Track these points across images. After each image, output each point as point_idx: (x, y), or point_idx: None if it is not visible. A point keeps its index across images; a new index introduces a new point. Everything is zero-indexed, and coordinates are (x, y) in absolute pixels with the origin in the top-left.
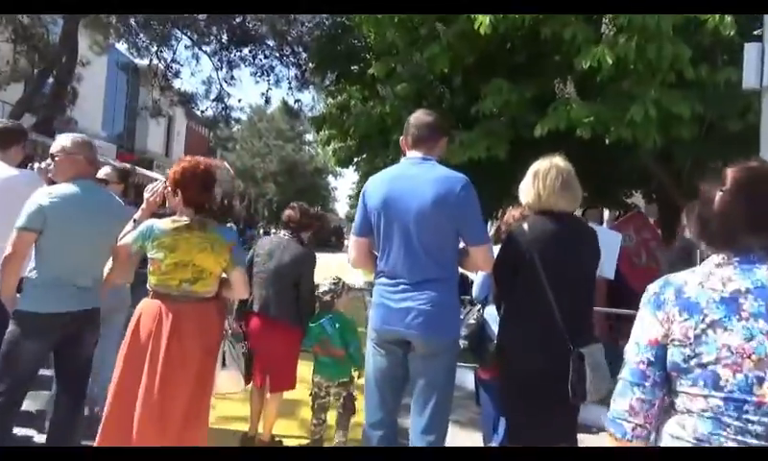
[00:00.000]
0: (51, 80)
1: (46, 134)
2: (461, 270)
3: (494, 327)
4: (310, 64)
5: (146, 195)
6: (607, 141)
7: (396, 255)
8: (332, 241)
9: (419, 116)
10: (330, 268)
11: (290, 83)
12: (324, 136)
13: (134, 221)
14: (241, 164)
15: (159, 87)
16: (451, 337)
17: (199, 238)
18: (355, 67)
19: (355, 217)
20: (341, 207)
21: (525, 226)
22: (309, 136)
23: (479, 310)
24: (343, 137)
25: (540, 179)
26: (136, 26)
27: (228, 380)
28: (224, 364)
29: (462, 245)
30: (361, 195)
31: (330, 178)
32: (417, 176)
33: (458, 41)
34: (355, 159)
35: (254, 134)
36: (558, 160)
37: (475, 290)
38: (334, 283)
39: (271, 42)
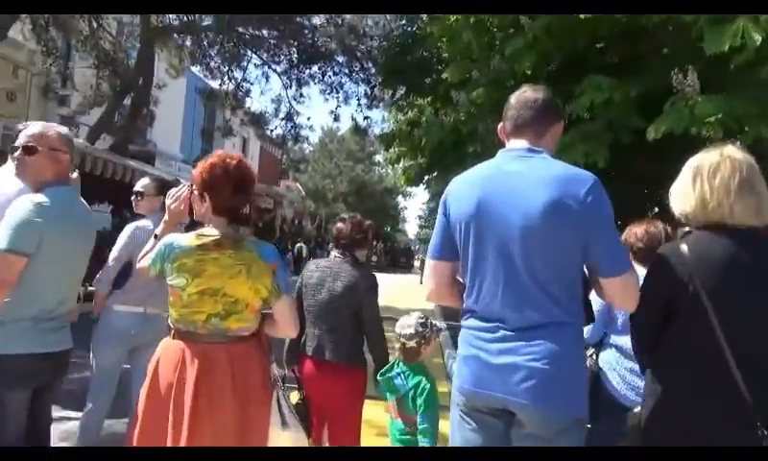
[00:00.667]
0: (128, 102)
1: (122, 155)
2: None
3: (612, 379)
4: (379, 79)
5: (167, 202)
6: (738, 144)
7: (492, 288)
8: (402, 261)
9: (523, 93)
10: (401, 287)
11: (359, 100)
12: (394, 154)
13: (155, 237)
14: (312, 185)
15: (230, 107)
16: (576, 414)
17: (231, 259)
18: (427, 79)
19: (433, 233)
20: (410, 228)
21: (684, 246)
22: (379, 157)
23: (592, 355)
24: (413, 155)
25: (706, 178)
26: (208, 48)
27: (291, 443)
28: (283, 423)
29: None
30: (441, 202)
31: (400, 198)
32: (521, 173)
33: (545, 35)
34: (426, 177)
35: (325, 156)
36: (731, 150)
37: (587, 330)
38: (422, 324)
39: (340, 58)
